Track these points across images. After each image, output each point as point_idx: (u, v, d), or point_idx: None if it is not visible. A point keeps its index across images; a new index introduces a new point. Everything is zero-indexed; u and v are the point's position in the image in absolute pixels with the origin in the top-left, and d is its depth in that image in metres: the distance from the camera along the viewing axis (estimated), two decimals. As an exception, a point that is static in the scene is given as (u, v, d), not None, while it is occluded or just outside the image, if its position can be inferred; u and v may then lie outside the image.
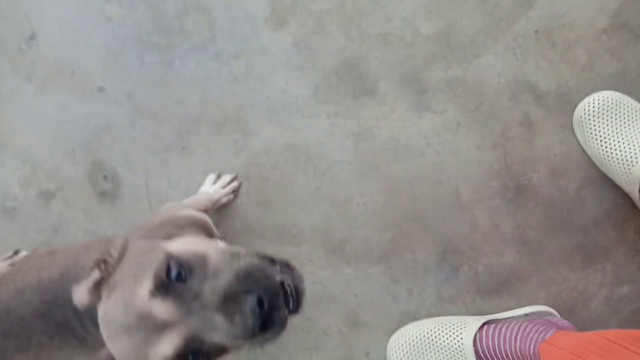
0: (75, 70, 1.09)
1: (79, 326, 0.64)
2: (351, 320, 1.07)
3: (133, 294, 0.51)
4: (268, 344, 0.54)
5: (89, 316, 0.60)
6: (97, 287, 0.54)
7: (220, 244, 0.60)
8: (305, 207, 1.07)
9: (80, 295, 0.54)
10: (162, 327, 0.50)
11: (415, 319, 1.06)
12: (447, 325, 0.99)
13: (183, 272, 0.52)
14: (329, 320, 1.08)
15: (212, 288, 0.50)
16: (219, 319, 0.49)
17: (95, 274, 0.54)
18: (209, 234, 0.74)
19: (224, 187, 1.04)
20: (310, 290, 1.06)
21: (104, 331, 0.54)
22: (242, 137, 1.07)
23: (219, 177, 1.06)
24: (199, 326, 0.50)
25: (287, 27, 1.05)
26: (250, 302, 0.49)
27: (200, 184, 1.05)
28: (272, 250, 1.07)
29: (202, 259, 0.54)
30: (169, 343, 0.50)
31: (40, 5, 1.11)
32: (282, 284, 0.54)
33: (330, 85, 1.05)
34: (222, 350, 0.53)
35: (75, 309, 0.61)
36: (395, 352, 1.01)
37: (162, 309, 0.50)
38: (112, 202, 1.08)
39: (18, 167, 1.09)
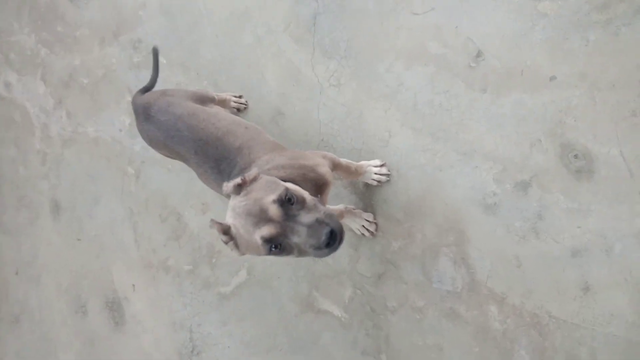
0: (524, 70, 1.21)
1: (228, 178, 1.14)
2: None
3: (263, 197, 0.92)
4: (320, 256, 0.92)
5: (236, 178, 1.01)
6: (238, 188, 0.96)
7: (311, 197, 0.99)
8: None
9: (229, 186, 0.97)
10: (267, 220, 0.91)
11: None
12: None
13: (292, 200, 0.93)
14: None
15: (307, 214, 0.92)
16: (303, 230, 0.90)
17: (238, 180, 0.96)
18: (318, 189, 1.12)
19: (377, 172, 1.40)
20: None
21: (230, 212, 0.96)
22: None
23: (383, 165, 1.40)
24: (288, 229, 0.91)
25: None
26: (326, 230, 0.89)
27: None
28: None
29: (303, 199, 0.95)
30: (268, 229, 0.91)
31: (478, 27, 1.27)
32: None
33: None
34: (292, 251, 0.93)
35: (231, 171, 1.15)
36: None
37: (274, 211, 0.91)
38: (589, 177, 1.13)
39: (490, 167, 1.23)
